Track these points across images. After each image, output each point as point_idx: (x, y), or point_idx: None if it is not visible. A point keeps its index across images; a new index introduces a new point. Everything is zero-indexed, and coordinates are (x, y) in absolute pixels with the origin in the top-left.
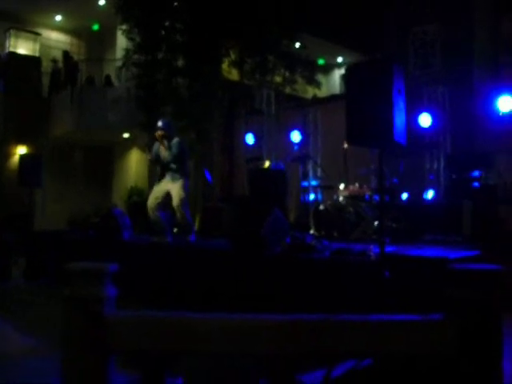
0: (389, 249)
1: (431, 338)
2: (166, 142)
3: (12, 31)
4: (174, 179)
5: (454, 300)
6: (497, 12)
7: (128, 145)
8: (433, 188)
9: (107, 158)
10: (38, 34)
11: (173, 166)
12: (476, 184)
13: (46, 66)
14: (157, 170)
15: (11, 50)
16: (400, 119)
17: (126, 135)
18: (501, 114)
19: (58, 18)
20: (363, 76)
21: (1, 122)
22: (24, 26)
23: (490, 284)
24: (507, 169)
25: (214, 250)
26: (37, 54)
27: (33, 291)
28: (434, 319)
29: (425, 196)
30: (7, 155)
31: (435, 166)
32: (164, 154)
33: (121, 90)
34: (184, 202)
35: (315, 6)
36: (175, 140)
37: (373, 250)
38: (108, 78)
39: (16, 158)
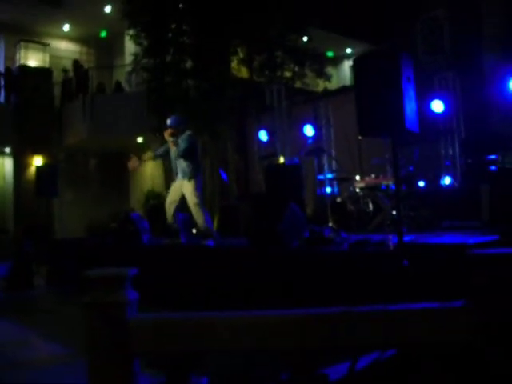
0: (407, 237)
1: (452, 325)
2: (175, 139)
3: (22, 43)
4: (184, 177)
5: (475, 285)
6: None
7: (142, 149)
8: (449, 174)
9: (122, 164)
10: (47, 44)
11: (183, 162)
12: (493, 167)
13: (57, 75)
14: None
15: (22, 62)
16: (410, 107)
17: (139, 140)
18: None
19: (66, 27)
20: (371, 67)
21: (15, 135)
22: (33, 37)
23: (509, 267)
24: None
25: (232, 248)
26: (47, 65)
27: (55, 299)
28: (455, 306)
29: (442, 182)
30: (23, 166)
31: (450, 151)
32: (173, 150)
33: (132, 95)
34: (199, 205)
35: None
36: (184, 134)
37: (391, 239)
38: (118, 84)
39: (32, 169)
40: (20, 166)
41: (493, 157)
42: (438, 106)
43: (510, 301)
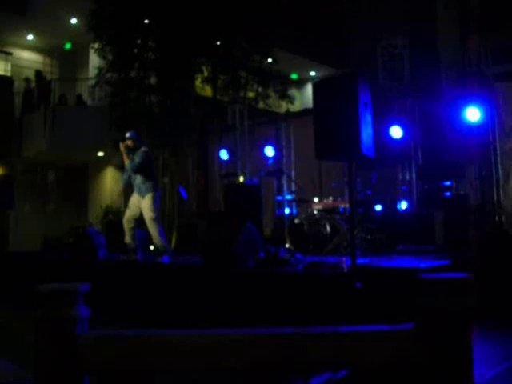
0: (362, 260)
1: (402, 348)
2: (130, 154)
3: None
4: (140, 193)
5: (424, 309)
6: (462, 24)
7: (102, 164)
8: (406, 199)
9: (82, 177)
10: (9, 53)
11: (139, 178)
12: (447, 194)
13: (19, 85)
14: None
15: None
16: (367, 132)
17: (100, 154)
18: (469, 124)
19: (30, 37)
20: (329, 91)
21: None
22: None
23: (458, 292)
24: (476, 179)
25: (187, 265)
26: (9, 74)
27: (5, 313)
28: (404, 328)
29: (398, 207)
30: None
31: (407, 176)
32: (126, 164)
33: (94, 109)
34: (154, 221)
35: (286, 21)
36: (140, 150)
37: (345, 262)
38: (79, 97)
39: None
40: None
41: (448, 183)
42: (396, 132)
43: (456, 325)
